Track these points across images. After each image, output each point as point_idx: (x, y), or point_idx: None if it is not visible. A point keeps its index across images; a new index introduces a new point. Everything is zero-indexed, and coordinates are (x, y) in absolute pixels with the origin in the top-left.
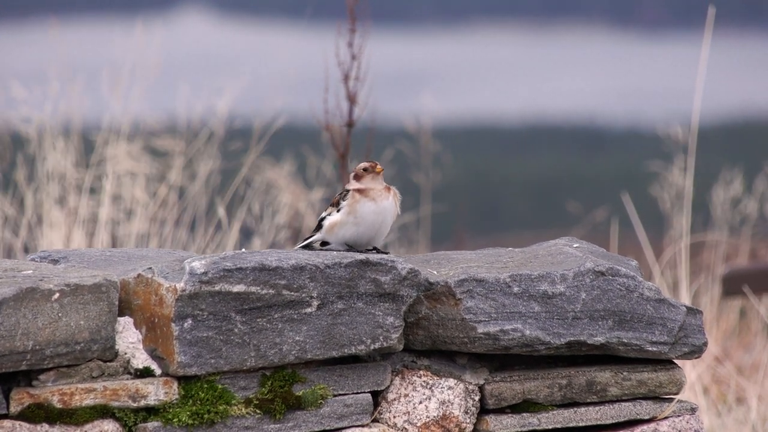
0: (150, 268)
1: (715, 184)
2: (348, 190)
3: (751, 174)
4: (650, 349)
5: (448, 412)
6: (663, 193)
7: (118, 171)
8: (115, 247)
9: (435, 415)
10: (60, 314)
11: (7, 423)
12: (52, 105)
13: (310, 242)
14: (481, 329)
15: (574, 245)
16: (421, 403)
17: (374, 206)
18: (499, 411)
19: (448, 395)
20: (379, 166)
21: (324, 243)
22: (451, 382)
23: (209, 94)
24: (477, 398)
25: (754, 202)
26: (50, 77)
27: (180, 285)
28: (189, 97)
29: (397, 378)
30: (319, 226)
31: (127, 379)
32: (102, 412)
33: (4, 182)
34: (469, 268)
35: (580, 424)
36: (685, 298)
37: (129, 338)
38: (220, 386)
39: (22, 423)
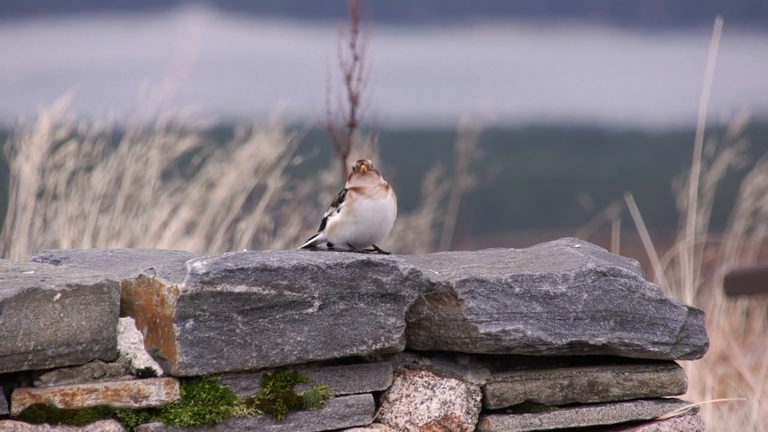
0: (152, 268)
1: (725, 185)
2: (346, 190)
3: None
4: (652, 349)
5: (449, 412)
6: (678, 192)
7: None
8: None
9: (437, 415)
10: (62, 315)
11: (8, 423)
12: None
13: (314, 242)
14: (482, 330)
15: (576, 246)
16: (422, 403)
17: (372, 204)
18: (501, 411)
19: (450, 396)
20: (363, 165)
21: (330, 244)
22: (453, 382)
23: (214, 95)
24: (479, 398)
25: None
26: (55, 79)
27: (182, 285)
28: (191, 98)
29: (398, 378)
30: (322, 226)
31: (129, 379)
32: (103, 412)
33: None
34: (470, 269)
35: (582, 425)
36: (689, 299)
37: (130, 339)
38: (221, 386)
39: (24, 423)
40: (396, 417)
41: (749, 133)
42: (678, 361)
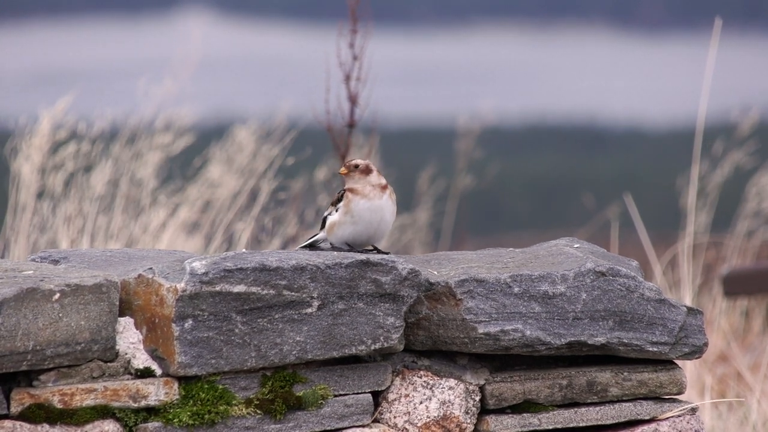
0: (151, 268)
1: (727, 185)
2: (344, 190)
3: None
4: (651, 349)
5: (448, 412)
6: (679, 192)
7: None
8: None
9: (436, 415)
10: (60, 314)
11: (7, 423)
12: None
13: (314, 241)
14: (481, 329)
15: (575, 245)
16: (421, 403)
17: (369, 204)
18: (500, 411)
19: (449, 395)
20: (344, 167)
21: (331, 243)
22: (452, 382)
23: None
24: (477, 398)
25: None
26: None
27: (181, 285)
28: (193, 98)
29: (397, 378)
30: (323, 225)
31: (128, 379)
32: (102, 412)
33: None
34: (469, 269)
35: (581, 425)
36: (688, 299)
37: (129, 338)
38: (220, 386)
39: (23, 423)
40: (395, 417)
41: (751, 134)
42: (677, 361)
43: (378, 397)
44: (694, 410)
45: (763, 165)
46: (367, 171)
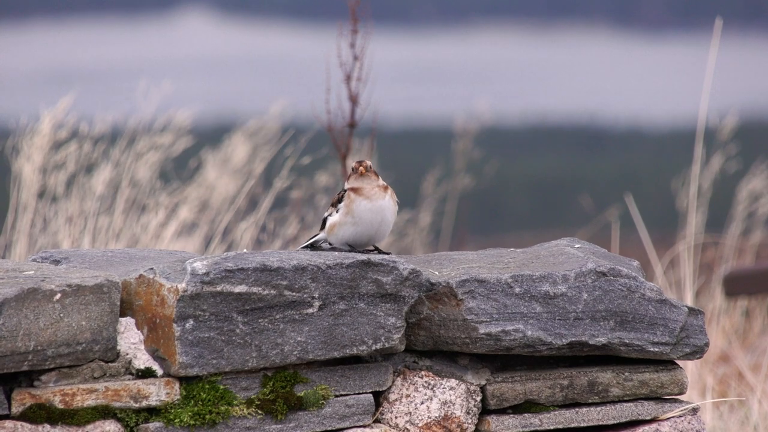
0: (152, 268)
1: (727, 185)
2: (345, 190)
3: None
4: (652, 349)
5: (449, 412)
6: (678, 192)
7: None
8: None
9: (437, 415)
10: (61, 315)
11: (8, 423)
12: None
13: (314, 242)
14: (482, 330)
15: (576, 246)
16: (422, 403)
17: (370, 205)
18: (501, 411)
19: (450, 396)
20: (362, 167)
21: (331, 244)
22: (453, 382)
23: (212, 95)
24: (479, 399)
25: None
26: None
27: (182, 285)
28: (194, 98)
29: (398, 378)
30: (323, 226)
31: (129, 379)
32: (103, 412)
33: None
34: (470, 269)
35: (582, 425)
36: (689, 299)
37: (130, 339)
38: (221, 387)
39: (24, 423)
40: (396, 417)
41: (748, 133)
42: (678, 361)
43: (379, 397)
44: (695, 410)
45: (753, 165)
46: (375, 172)
